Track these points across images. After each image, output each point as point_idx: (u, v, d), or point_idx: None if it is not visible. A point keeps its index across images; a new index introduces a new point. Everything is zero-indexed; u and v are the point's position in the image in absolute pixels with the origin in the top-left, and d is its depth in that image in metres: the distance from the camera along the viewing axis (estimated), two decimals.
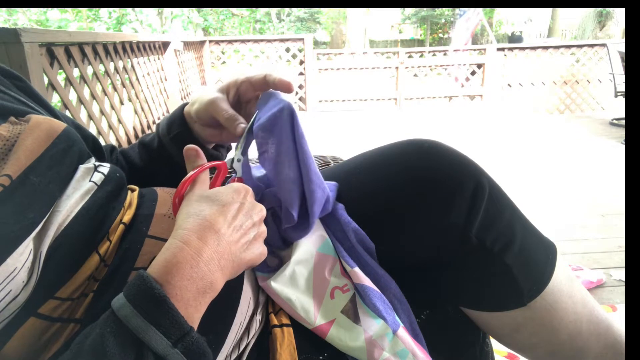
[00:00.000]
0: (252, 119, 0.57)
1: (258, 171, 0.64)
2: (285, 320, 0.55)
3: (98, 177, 0.49)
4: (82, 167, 0.48)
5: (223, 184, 0.53)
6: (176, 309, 0.36)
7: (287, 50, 5.21)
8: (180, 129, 0.63)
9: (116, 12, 7.88)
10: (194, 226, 0.42)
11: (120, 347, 0.34)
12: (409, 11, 18.18)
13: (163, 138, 0.65)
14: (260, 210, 0.49)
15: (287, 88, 0.59)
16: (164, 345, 0.35)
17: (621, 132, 4.07)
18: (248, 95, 0.62)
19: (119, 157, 0.69)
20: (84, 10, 7.61)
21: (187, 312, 0.38)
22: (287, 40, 5.27)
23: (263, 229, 0.49)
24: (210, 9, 10.93)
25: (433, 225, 0.57)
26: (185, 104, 0.65)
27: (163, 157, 0.65)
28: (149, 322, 0.35)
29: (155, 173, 0.66)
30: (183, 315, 0.37)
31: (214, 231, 0.42)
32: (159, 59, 3.10)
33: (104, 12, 7.89)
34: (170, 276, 0.38)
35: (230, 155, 0.61)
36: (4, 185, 0.38)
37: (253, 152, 0.60)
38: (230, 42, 5.20)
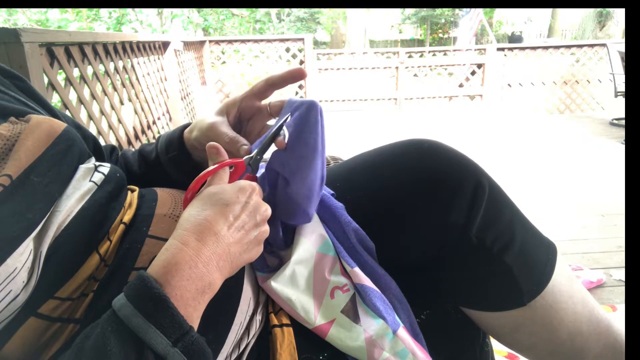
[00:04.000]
0: (277, 122, 0.55)
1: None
2: (286, 320, 0.55)
3: (98, 177, 0.49)
4: (82, 167, 0.48)
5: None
6: (176, 308, 0.37)
7: (287, 50, 5.20)
8: (177, 151, 0.62)
9: (116, 12, 7.88)
10: (194, 227, 0.42)
11: (121, 346, 0.34)
12: (409, 11, 18.16)
13: (161, 155, 0.64)
14: (265, 210, 0.48)
15: (300, 73, 0.56)
16: (164, 345, 0.35)
17: (621, 132, 4.07)
18: (250, 112, 0.60)
19: (120, 159, 0.69)
20: (84, 10, 7.61)
21: (186, 312, 0.38)
22: (287, 40, 5.26)
23: (265, 228, 0.48)
24: (210, 9, 10.92)
25: (433, 225, 0.57)
26: (187, 125, 0.63)
27: (160, 171, 0.64)
28: (149, 321, 0.35)
29: (152, 183, 0.65)
30: (182, 314, 0.37)
31: (213, 232, 0.42)
32: (158, 59, 3.09)
33: (104, 12, 7.89)
34: (170, 276, 0.38)
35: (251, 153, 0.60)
36: (4, 185, 0.38)
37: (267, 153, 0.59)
38: (230, 42, 5.20)
